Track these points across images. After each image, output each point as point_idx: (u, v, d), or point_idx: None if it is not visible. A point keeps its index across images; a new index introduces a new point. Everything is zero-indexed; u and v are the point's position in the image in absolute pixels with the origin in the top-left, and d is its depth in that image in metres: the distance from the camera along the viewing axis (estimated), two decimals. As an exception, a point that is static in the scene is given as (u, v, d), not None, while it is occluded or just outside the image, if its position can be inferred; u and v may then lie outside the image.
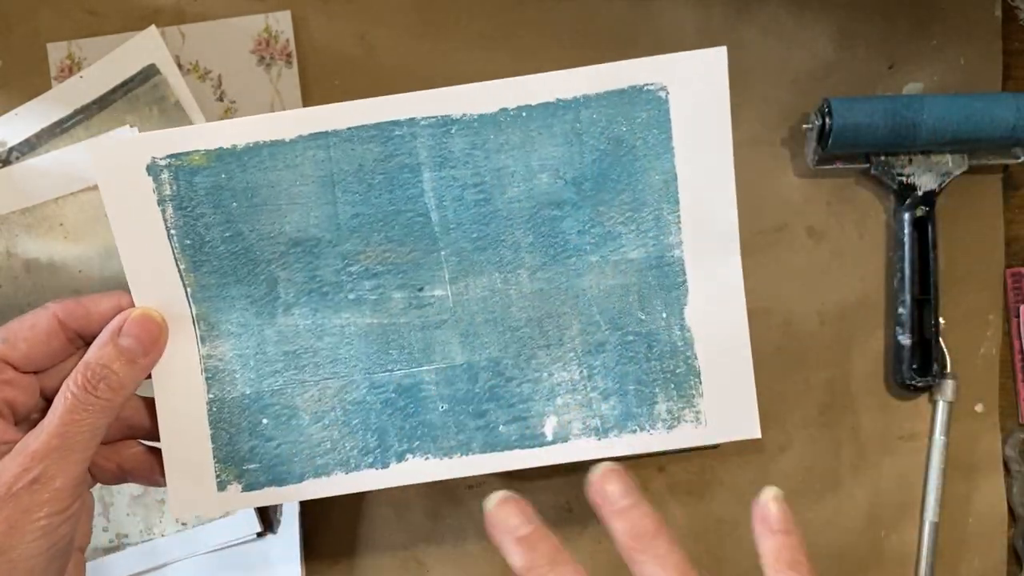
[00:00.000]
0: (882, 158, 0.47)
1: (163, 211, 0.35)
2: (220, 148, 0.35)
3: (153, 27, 0.47)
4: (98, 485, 0.45)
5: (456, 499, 0.48)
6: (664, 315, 0.36)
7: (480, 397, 0.37)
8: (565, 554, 0.30)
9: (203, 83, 0.47)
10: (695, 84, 0.35)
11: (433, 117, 0.35)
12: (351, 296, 0.36)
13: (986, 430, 0.48)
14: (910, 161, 0.47)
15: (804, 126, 0.47)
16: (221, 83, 0.47)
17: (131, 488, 0.45)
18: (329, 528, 0.48)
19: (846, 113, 0.45)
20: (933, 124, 0.45)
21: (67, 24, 0.48)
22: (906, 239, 0.47)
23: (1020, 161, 0.47)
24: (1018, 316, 0.48)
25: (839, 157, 0.47)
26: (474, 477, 0.48)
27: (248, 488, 0.37)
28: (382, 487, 0.37)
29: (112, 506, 0.45)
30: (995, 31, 0.48)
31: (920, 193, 0.47)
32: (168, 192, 0.35)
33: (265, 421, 0.37)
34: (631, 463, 0.48)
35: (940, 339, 0.47)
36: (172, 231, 0.36)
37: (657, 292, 0.36)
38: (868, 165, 0.47)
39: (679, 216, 0.36)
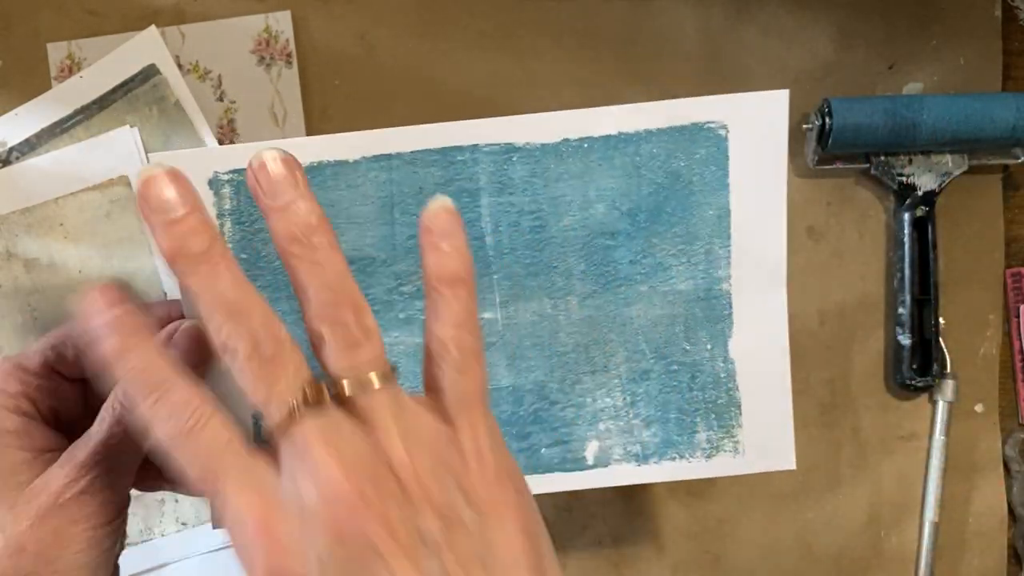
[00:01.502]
0: (882, 158, 0.47)
1: (222, 224, 0.36)
2: None
3: (153, 27, 0.47)
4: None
5: (456, 499, 0.48)
6: (709, 346, 0.37)
7: (524, 420, 0.37)
8: (215, 244, 0.27)
9: (203, 83, 0.47)
10: (755, 123, 0.35)
11: (496, 144, 0.36)
12: (401, 315, 0.37)
13: (986, 430, 0.48)
14: (910, 161, 0.47)
15: (804, 126, 0.47)
16: (221, 83, 0.47)
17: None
18: (329, 528, 0.47)
19: (846, 113, 0.45)
20: (933, 124, 0.45)
21: (67, 24, 0.48)
22: (906, 239, 0.47)
23: (1020, 161, 0.47)
24: (1018, 316, 0.48)
25: (839, 157, 0.47)
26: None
27: None
28: None
29: (112, 506, 0.45)
30: (995, 31, 0.48)
31: (920, 193, 0.47)
32: (228, 206, 0.36)
33: None
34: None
35: (940, 339, 0.47)
36: (230, 244, 0.36)
37: (703, 324, 0.37)
38: (868, 165, 0.47)
39: (730, 251, 0.37)
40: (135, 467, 0.31)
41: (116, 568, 0.34)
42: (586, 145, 0.36)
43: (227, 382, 0.27)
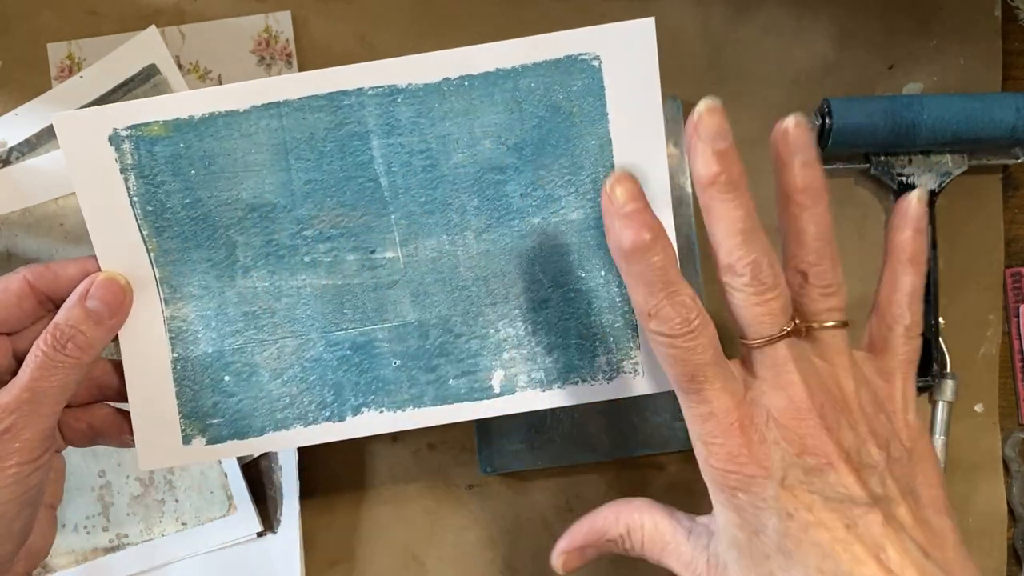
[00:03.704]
0: (882, 158, 0.47)
1: (125, 179, 0.37)
2: (178, 119, 0.37)
3: (153, 27, 0.47)
4: (98, 485, 0.45)
5: (456, 499, 0.48)
6: (603, 273, 0.38)
7: (431, 353, 0.38)
8: (743, 180, 0.32)
9: (203, 83, 0.47)
10: (626, 54, 0.37)
11: (380, 87, 0.37)
12: (306, 259, 0.38)
13: (986, 430, 0.48)
14: (910, 161, 0.47)
15: (804, 126, 0.47)
16: (221, 83, 0.47)
17: (131, 488, 0.45)
18: (329, 528, 0.48)
19: (846, 113, 0.45)
20: (933, 124, 0.45)
21: (67, 24, 0.48)
22: (906, 239, 0.47)
23: (1020, 161, 0.47)
24: (1018, 316, 0.48)
25: (839, 157, 0.47)
26: (474, 477, 0.48)
27: (212, 441, 0.38)
28: (339, 439, 0.39)
29: (112, 506, 0.45)
30: (995, 31, 0.48)
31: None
32: (130, 161, 0.37)
33: (227, 378, 0.38)
34: (630, 462, 0.48)
35: (940, 339, 0.47)
36: (135, 198, 0.37)
37: (596, 251, 0.38)
38: (868, 165, 0.47)
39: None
40: (58, 410, 0.35)
41: (54, 518, 0.38)
42: (466, 83, 0.37)
43: None
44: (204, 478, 0.45)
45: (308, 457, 0.47)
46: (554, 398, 0.39)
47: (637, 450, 0.47)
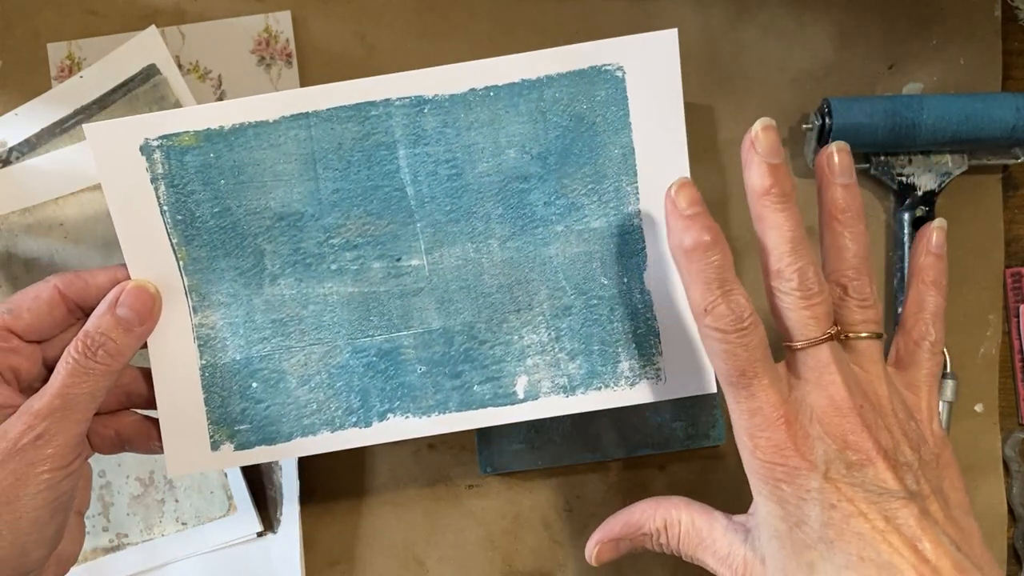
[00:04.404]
0: (882, 158, 0.47)
1: (156, 188, 0.38)
2: (208, 129, 0.37)
3: (153, 27, 0.47)
4: (98, 485, 0.45)
5: (456, 499, 0.48)
6: (625, 280, 0.39)
7: (456, 359, 0.39)
8: (794, 194, 0.34)
9: (203, 83, 0.47)
10: (649, 64, 0.38)
11: (407, 97, 0.38)
12: (333, 267, 0.39)
13: (986, 430, 0.48)
14: (910, 161, 0.47)
15: (804, 126, 0.47)
16: (221, 83, 0.47)
17: (131, 488, 0.45)
18: (329, 528, 0.48)
19: (846, 113, 0.45)
20: (933, 124, 0.45)
21: (67, 24, 0.48)
22: (906, 239, 0.47)
23: (1020, 161, 0.47)
24: (1018, 316, 0.48)
25: (839, 157, 0.47)
26: (474, 477, 0.48)
27: (240, 447, 0.39)
28: (366, 444, 0.39)
29: (112, 506, 0.45)
30: (995, 31, 0.48)
31: (920, 193, 0.47)
32: (160, 170, 0.38)
33: (255, 385, 0.39)
34: (630, 462, 0.48)
35: (940, 339, 0.47)
36: (165, 207, 0.38)
37: (618, 259, 0.39)
38: (868, 165, 0.47)
39: (637, 187, 0.39)
40: (89, 416, 0.35)
41: (82, 525, 0.39)
42: (492, 93, 0.38)
43: None
44: (204, 478, 0.45)
45: (308, 457, 0.47)
46: (578, 404, 0.39)
47: (637, 450, 0.47)
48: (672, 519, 0.36)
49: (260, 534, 0.45)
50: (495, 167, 0.38)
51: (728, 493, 0.48)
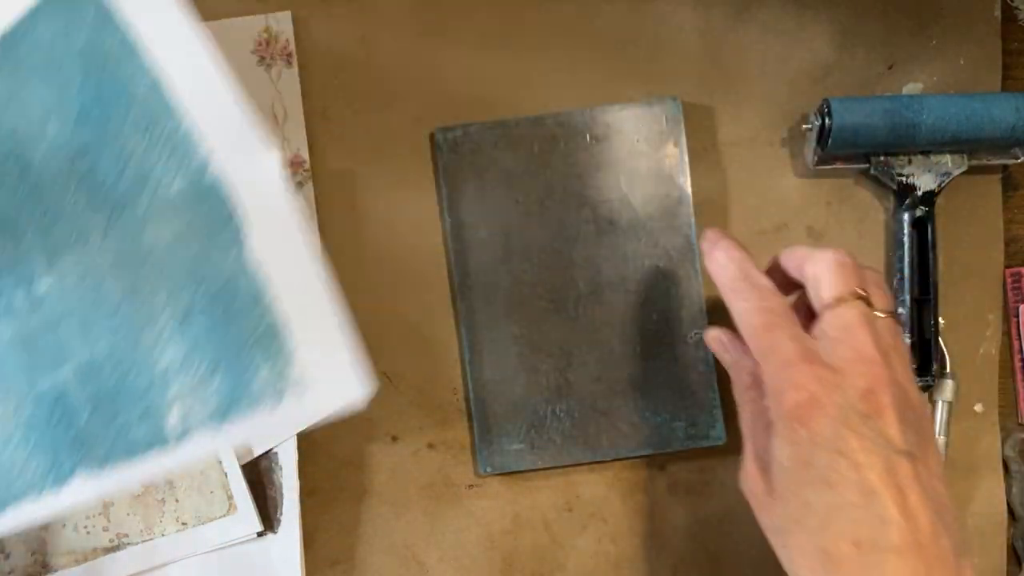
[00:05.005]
0: (881, 158, 0.47)
1: None
2: None
3: (153, 27, 0.47)
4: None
5: (456, 499, 0.48)
6: (229, 259, 0.30)
7: (111, 395, 0.32)
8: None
9: (203, 83, 0.47)
10: None
11: None
12: None
13: (985, 430, 0.48)
14: (909, 161, 0.47)
15: (804, 126, 0.47)
16: (221, 83, 0.48)
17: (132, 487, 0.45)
18: (329, 528, 0.48)
19: (845, 113, 0.45)
20: (932, 124, 0.45)
21: (68, 24, 0.48)
22: (905, 239, 0.47)
23: (1019, 161, 0.47)
24: (1017, 316, 0.48)
25: (838, 157, 0.47)
26: (474, 477, 0.48)
27: None
28: (60, 512, 0.33)
29: (112, 506, 0.45)
30: (994, 31, 0.48)
31: (919, 193, 0.47)
32: None
33: None
34: (630, 462, 0.48)
35: (940, 339, 0.48)
36: None
37: (213, 231, 0.30)
38: (867, 165, 0.47)
39: (186, 129, 0.30)
40: None
41: None
42: None
43: None
44: (204, 478, 0.45)
45: (308, 457, 0.47)
46: (232, 434, 0.31)
47: (637, 450, 0.47)
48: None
49: (260, 534, 0.45)
50: (52, 149, 0.30)
51: (728, 493, 0.48)
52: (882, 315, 0.36)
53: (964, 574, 0.32)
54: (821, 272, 0.37)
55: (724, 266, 0.38)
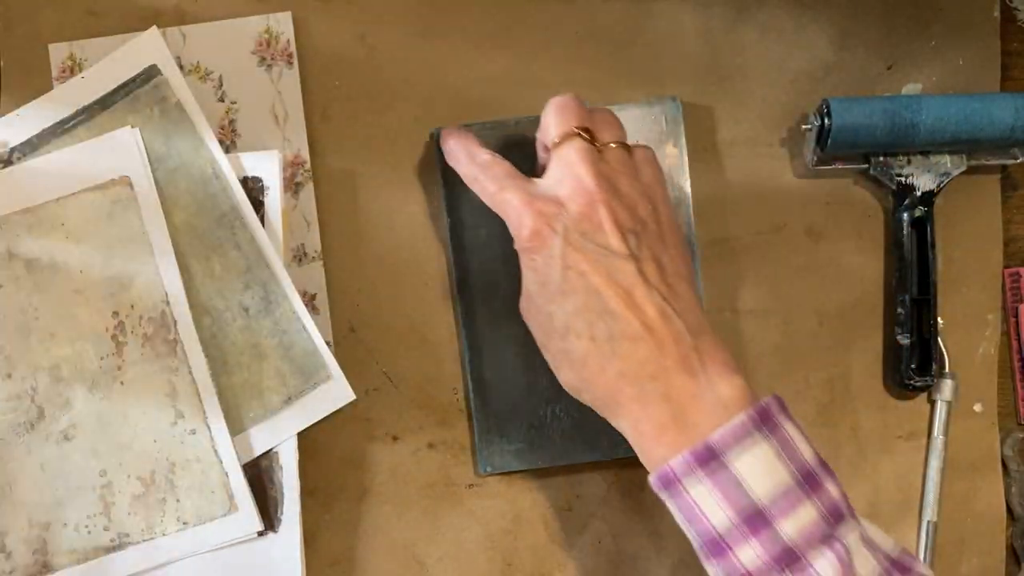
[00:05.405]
0: (881, 158, 0.47)
1: None
2: None
3: (154, 28, 0.47)
4: (99, 484, 0.45)
5: (456, 499, 0.48)
6: None
7: None
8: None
9: (204, 84, 0.48)
10: None
11: None
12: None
13: (985, 430, 0.48)
14: (909, 161, 0.47)
15: (803, 126, 0.47)
16: (222, 84, 0.48)
17: (132, 487, 0.45)
18: (329, 528, 0.48)
19: (845, 113, 0.45)
20: (932, 124, 0.45)
21: (68, 25, 0.48)
22: (905, 239, 0.47)
23: (1019, 161, 0.47)
24: (1016, 316, 0.48)
25: (838, 157, 0.47)
26: (474, 477, 0.48)
27: None
28: None
29: (113, 505, 0.45)
30: (994, 32, 0.48)
31: (919, 193, 0.47)
32: None
33: None
34: (629, 462, 0.48)
35: (939, 339, 0.48)
36: None
37: None
38: (867, 165, 0.47)
39: None
40: None
41: None
42: None
43: None
44: (205, 477, 0.45)
45: (309, 457, 0.47)
46: None
47: (637, 450, 0.47)
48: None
49: (261, 533, 0.45)
50: None
51: (728, 493, 0.48)
52: (612, 146, 0.40)
53: (702, 347, 0.37)
54: (546, 119, 0.41)
55: (454, 152, 0.43)
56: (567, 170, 0.39)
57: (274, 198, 0.46)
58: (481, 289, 0.47)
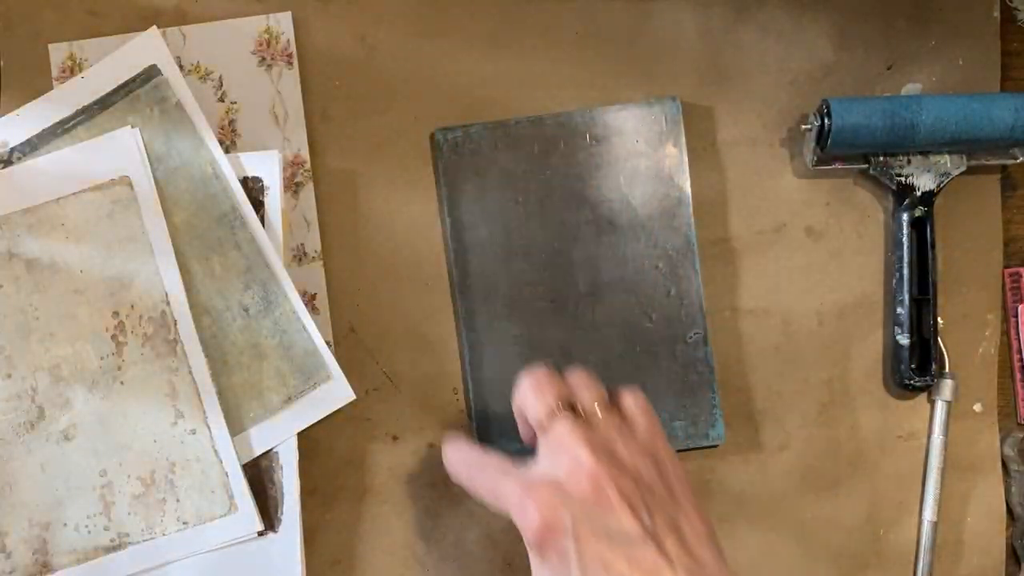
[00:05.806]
0: (881, 158, 0.47)
1: None
2: None
3: (154, 28, 0.47)
4: (99, 484, 0.45)
5: (456, 499, 0.48)
6: None
7: None
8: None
9: (204, 84, 0.48)
10: None
11: None
12: None
13: (984, 430, 0.49)
14: (908, 161, 0.47)
15: (803, 127, 0.47)
16: (222, 84, 0.48)
17: (132, 487, 0.45)
18: (329, 528, 0.48)
19: (845, 114, 0.45)
20: (931, 124, 0.45)
21: (68, 25, 0.48)
22: (904, 239, 0.47)
23: (1018, 161, 0.47)
24: (1016, 316, 0.49)
25: (838, 157, 0.47)
26: (474, 477, 0.48)
27: None
28: None
29: (114, 505, 0.45)
30: (993, 32, 0.48)
31: (919, 193, 0.47)
32: None
33: None
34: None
35: (939, 339, 0.48)
36: None
37: None
38: (867, 165, 0.47)
39: None
40: None
41: None
42: None
43: None
44: (205, 477, 0.45)
45: (309, 457, 0.47)
46: None
47: (637, 450, 0.47)
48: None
49: (261, 533, 0.45)
50: None
51: (728, 492, 0.48)
52: (599, 412, 0.39)
53: None
54: (522, 401, 0.40)
55: (450, 461, 0.42)
56: (562, 452, 0.37)
57: (274, 198, 0.46)
58: (481, 289, 0.47)
